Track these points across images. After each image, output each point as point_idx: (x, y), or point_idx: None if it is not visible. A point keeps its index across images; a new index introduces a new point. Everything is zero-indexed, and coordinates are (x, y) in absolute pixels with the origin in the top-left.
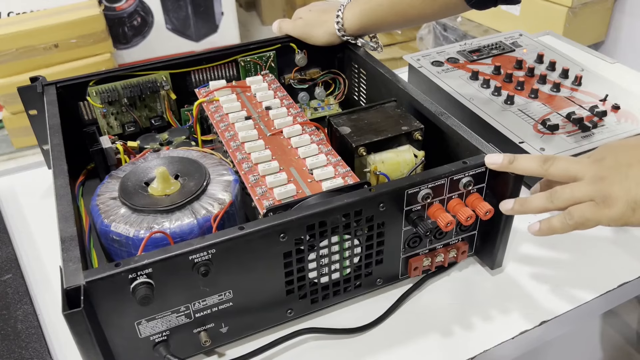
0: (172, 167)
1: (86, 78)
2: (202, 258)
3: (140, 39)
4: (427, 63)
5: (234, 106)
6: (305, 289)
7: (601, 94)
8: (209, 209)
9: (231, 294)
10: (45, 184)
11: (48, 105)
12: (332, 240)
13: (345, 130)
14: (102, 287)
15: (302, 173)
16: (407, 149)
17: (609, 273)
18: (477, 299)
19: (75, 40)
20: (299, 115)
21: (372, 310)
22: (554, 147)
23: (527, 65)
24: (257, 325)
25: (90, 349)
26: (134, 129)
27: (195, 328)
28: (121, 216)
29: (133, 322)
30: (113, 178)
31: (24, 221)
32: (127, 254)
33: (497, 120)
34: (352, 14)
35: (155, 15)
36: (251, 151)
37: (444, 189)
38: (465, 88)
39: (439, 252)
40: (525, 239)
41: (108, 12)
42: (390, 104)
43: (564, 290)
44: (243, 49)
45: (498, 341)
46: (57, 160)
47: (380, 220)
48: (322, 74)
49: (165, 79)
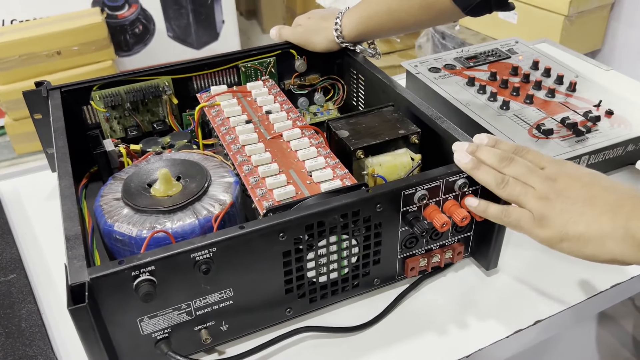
0: (174, 169)
1: (90, 83)
2: (204, 256)
3: (142, 46)
4: (425, 69)
5: (235, 110)
6: (304, 288)
7: (595, 100)
8: (210, 209)
9: (231, 292)
10: (48, 187)
11: (53, 109)
12: (330, 240)
13: (343, 134)
14: (106, 284)
15: (301, 175)
16: (404, 152)
17: (602, 274)
18: (472, 299)
19: (78, 48)
20: (299, 119)
21: (370, 309)
22: (548, 151)
23: (522, 72)
24: (256, 323)
25: (93, 345)
26: (136, 132)
27: (196, 326)
28: (124, 216)
29: (135, 319)
30: (116, 180)
31: (28, 223)
32: (130, 253)
33: (492, 125)
34: (350, 21)
35: (157, 23)
36: (251, 154)
37: (439, 190)
38: (461, 94)
39: (435, 253)
40: (520, 241)
41: (110, 20)
42: (387, 108)
43: (558, 291)
44: (244, 55)
45: (493, 340)
46: (61, 162)
47: (378, 220)
48: (321, 80)
49: (168, 84)
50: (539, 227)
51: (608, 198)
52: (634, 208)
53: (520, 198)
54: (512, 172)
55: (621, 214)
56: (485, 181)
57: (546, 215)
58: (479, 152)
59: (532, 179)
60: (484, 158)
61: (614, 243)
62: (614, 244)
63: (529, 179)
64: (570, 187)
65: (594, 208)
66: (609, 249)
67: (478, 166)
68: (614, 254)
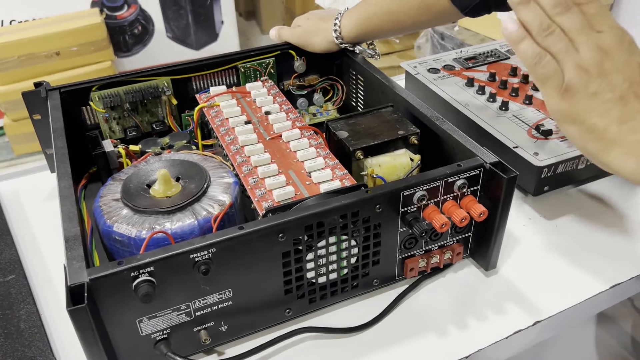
0: (173, 169)
1: (89, 83)
2: (203, 257)
3: (141, 47)
4: (424, 70)
5: (234, 111)
6: (304, 288)
7: None
8: (209, 210)
9: (231, 292)
10: (47, 188)
11: (52, 109)
12: (329, 240)
13: (343, 135)
14: (105, 284)
15: (301, 176)
16: (404, 152)
17: (601, 274)
18: (471, 299)
19: (77, 48)
20: (298, 120)
21: (369, 310)
22: (547, 152)
23: (522, 72)
24: (256, 324)
25: (93, 345)
26: (135, 133)
27: (195, 326)
28: (123, 217)
29: (135, 319)
30: (115, 180)
31: (27, 224)
32: (129, 254)
33: (492, 125)
34: (349, 22)
35: (156, 23)
36: (251, 154)
37: (439, 191)
38: (460, 94)
39: (434, 254)
40: (519, 241)
41: (109, 21)
42: (387, 109)
43: (558, 291)
44: (243, 55)
45: (492, 340)
46: (60, 162)
47: (377, 221)
48: (320, 81)
49: (167, 85)
50: (560, 97)
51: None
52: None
53: (560, 55)
54: (563, 23)
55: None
56: (529, 20)
57: (576, 90)
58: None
59: (582, 40)
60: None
61: (621, 154)
62: (619, 154)
63: (578, 39)
64: (618, 70)
65: (625, 108)
66: (612, 157)
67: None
68: (613, 162)
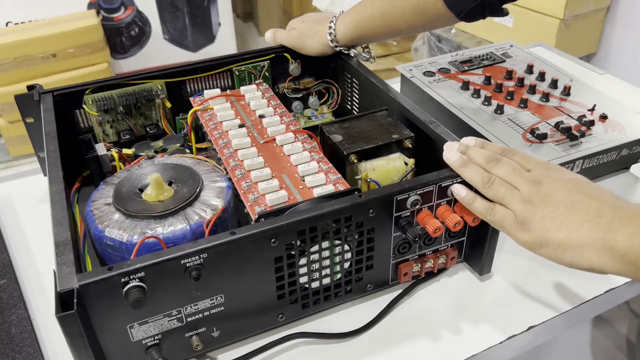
0: (165, 173)
1: (82, 86)
2: (194, 262)
3: (138, 49)
4: (419, 73)
5: (228, 114)
6: (297, 293)
7: (589, 104)
8: (201, 214)
9: (223, 298)
10: (41, 191)
11: (45, 112)
12: (322, 245)
13: (337, 138)
14: (95, 290)
15: (294, 180)
16: (398, 156)
17: (596, 279)
18: (466, 304)
19: (73, 50)
20: (292, 124)
21: (363, 315)
22: (542, 156)
23: (517, 76)
24: (248, 329)
25: (82, 352)
26: (129, 136)
27: (187, 332)
28: (115, 221)
29: (125, 325)
30: (107, 184)
31: (20, 228)
32: (121, 258)
33: (487, 129)
34: (344, 25)
35: (153, 25)
36: (244, 158)
37: (432, 195)
38: (456, 98)
39: (428, 258)
40: (514, 246)
41: (106, 22)
42: (381, 112)
43: (552, 296)
44: (238, 58)
45: (486, 345)
46: (52, 166)
47: (370, 226)
48: (315, 84)
49: (161, 88)
50: (521, 230)
51: (590, 206)
52: (613, 219)
53: (505, 199)
54: (499, 173)
55: (601, 224)
56: (472, 179)
57: (528, 219)
58: (468, 152)
59: (518, 181)
60: (472, 157)
61: (593, 252)
62: (592, 254)
63: (514, 181)
64: (554, 192)
65: (575, 216)
66: (587, 258)
67: (466, 164)
68: (592, 263)
